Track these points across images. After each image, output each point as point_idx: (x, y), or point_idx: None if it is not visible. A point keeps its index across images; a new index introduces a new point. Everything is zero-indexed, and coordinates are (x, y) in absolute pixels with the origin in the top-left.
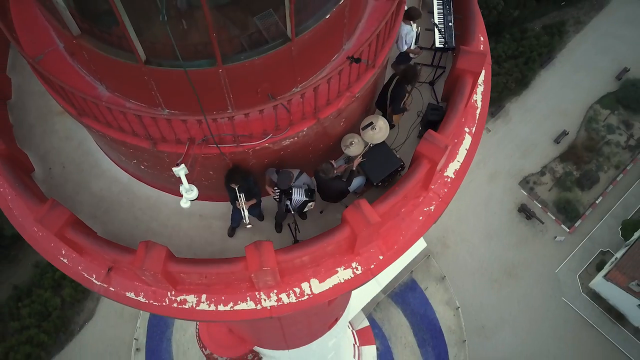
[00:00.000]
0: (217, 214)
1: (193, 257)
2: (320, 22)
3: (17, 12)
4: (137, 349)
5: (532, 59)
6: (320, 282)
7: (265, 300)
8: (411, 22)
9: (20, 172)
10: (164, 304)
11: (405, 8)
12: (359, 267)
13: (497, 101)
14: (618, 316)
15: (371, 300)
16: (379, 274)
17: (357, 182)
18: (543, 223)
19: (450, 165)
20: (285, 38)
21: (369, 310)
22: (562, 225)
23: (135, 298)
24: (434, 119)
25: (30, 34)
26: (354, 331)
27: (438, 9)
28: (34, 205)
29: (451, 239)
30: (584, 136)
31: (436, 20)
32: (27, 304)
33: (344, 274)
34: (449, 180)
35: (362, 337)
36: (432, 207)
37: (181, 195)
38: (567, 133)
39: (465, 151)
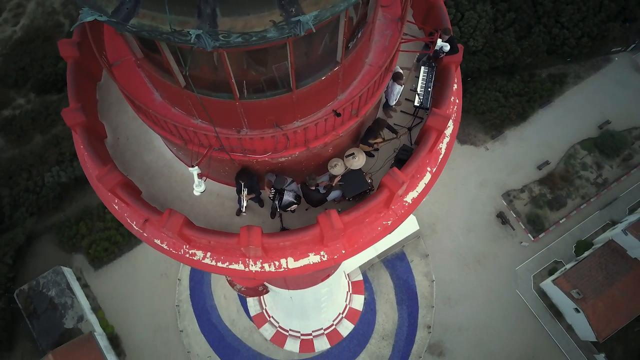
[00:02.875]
0: (230, 196)
1: (206, 225)
2: (316, 81)
3: (108, 26)
4: None
5: (534, 99)
6: (294, 261)
7: (252, 265)
8: (401, 82)
9: (94, 139)
10: (179, 253)
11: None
12: (325, 256)
13: (499, 127)
14: (557, 313)
15: (367, 261)
16: (378, 243)
17: (334, 194)
18: (514, 229)
19: (410, 193)
20: (288, 88)
21: (365, 269)
22: (529, 234)
23: (160, 245)
24: (403, 157)
25: (115, 43)
26: (349, 281)
27: (423, 76)
28: (98, 166)
29: (439, 226)
30: (562, 168)
31: (418, 88)
32: None
33: (313, 258)
34: (406, 204)
35: (355, 287)
36: (389, 222)
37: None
38: (549, 163)
39: (424, 185)
